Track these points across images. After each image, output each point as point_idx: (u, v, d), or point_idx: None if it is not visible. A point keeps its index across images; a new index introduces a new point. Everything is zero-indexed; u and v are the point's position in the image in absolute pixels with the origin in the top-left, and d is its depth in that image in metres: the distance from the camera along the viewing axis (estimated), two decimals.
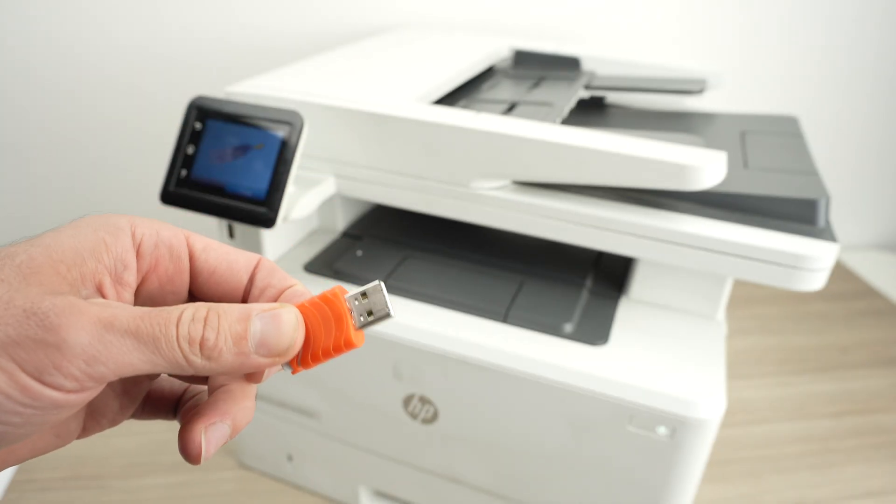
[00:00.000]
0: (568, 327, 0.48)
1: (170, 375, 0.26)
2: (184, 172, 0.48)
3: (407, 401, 0.52)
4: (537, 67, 0.72)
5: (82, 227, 0.21)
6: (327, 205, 0.59)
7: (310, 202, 0.50)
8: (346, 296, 0.23)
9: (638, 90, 0.64)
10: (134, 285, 0.23)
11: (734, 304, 0.93)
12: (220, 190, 0.47)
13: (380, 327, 0.48)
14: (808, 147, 0.55)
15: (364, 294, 0.23)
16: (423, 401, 0.51)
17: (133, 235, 0.22)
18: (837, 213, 1.08)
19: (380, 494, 0.61)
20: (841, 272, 1.06)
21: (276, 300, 0.23)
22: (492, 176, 0.47)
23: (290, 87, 0.52)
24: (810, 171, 0.49)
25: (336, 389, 0.54)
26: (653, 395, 0.43)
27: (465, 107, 0.57)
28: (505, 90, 0.64)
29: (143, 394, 0.25)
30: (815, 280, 0.42)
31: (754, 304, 0.96)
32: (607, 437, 0.46)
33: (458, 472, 0.54)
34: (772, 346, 0.88)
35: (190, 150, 0.47)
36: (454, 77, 0.59)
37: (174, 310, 0.19)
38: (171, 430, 0.69)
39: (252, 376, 0.23)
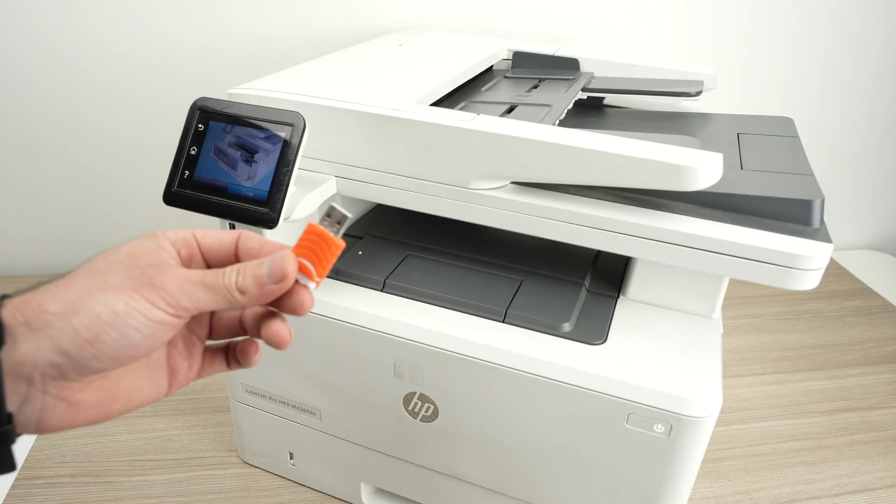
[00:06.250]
0: (566, 326, 0.48)
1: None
2: (186, 173, 0.48)
3: (407, 399, 0.52)
4: (536, 69, 0.72)
5: (144, 242, 0.32)
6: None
7: (311, 202, 0.50)
8: (318, 222, 0.31)
9: (635, 92, 0.65)
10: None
11: (730, 303, 0.94)
12: (222, 190, 0.47)
13: (380, 326, 0.49)
14: (803, 148, 0.56)
15: (328, 214, 0.31)
16: (423, 399, 0.51)
17: (171, 242, 0.33)
18: (832, 214, 1.09)
19: (380, 491, 0.62)
20: (835, 271, 1.07)
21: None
22: (491, 176, 0.47)
23: (291, 88, 0.53)
24: (805, 172, 0.50)
25: (337, 387, 0.55)
26: (650, 393, 0.44)
27: (464, 108, 0.58)
28: (504, 91, 0.64)
29: (201, 353, 0.35)
30: (810, 279, 0.42)
31: (750, 303, 0.97)
32: (605, 435, 0.46)
33: (457, 469, 0.54)
34: (767, 344, 0.89)
35: (193, 150, 0.48)
36: (454, 78, 0.59)
37: (223, 270, 0.31)
38: (174, 427, 0.70)
39: (293, 307, 0.32)
